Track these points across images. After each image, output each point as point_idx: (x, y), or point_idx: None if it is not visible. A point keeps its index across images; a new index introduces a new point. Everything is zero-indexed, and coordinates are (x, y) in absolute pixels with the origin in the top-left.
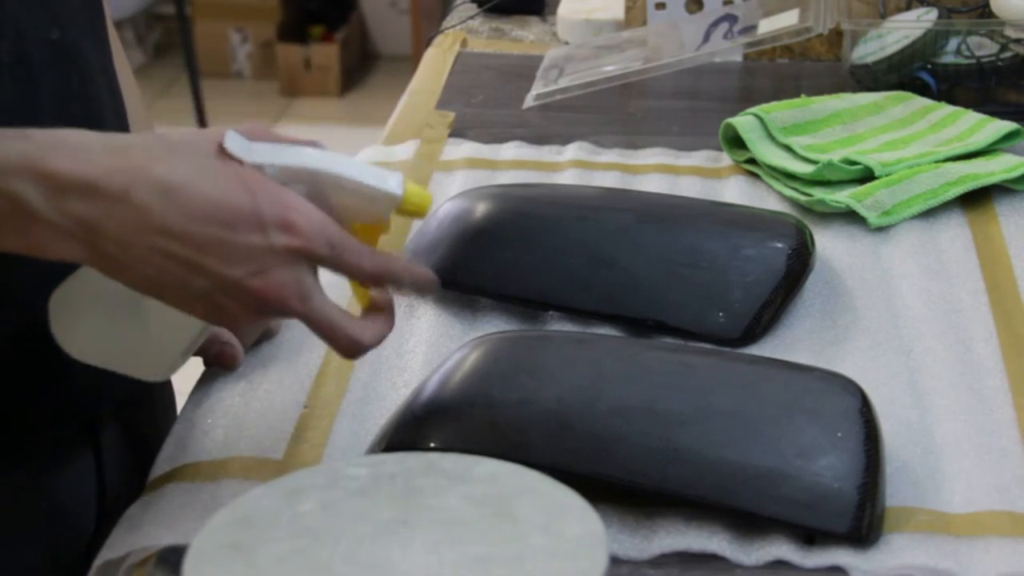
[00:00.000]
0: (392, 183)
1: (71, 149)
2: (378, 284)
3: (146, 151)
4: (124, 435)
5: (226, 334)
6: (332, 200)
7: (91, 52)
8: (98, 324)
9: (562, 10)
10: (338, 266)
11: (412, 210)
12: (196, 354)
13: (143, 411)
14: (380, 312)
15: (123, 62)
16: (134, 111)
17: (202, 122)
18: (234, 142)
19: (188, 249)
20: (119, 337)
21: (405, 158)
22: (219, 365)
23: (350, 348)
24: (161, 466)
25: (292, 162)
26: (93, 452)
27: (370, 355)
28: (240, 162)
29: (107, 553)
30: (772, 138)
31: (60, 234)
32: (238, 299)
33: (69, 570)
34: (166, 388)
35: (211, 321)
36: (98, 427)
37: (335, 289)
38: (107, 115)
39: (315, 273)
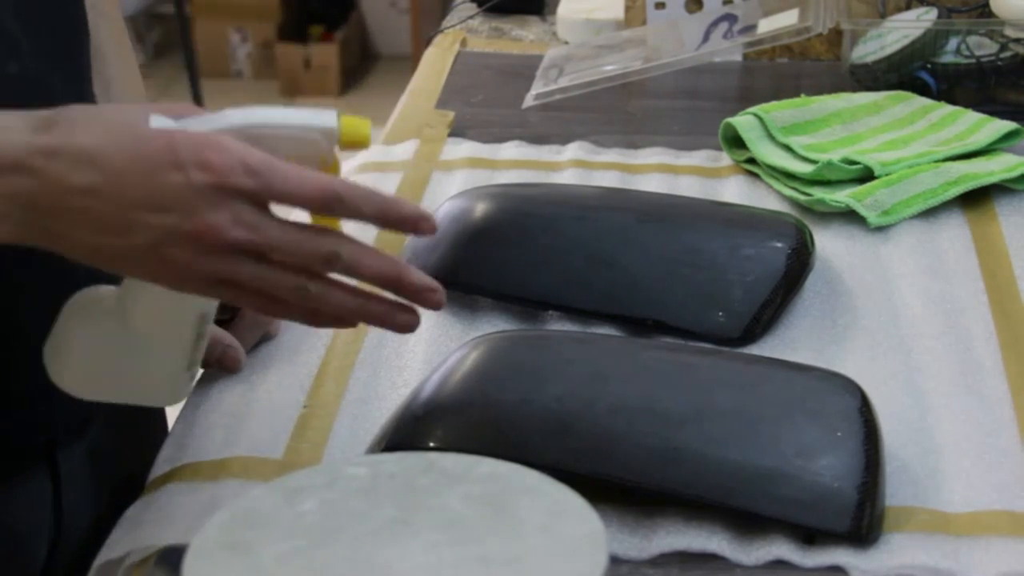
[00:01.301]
0: (325, 118)
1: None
2: (326, 208)
3: (69, 123)
4: (85, 456)
5: (228, 337)
6: (275, 149)
7: (60, 83)
8: (97, 361)
9: (562, 10)
10: (270, 194)
11: (354, 140)
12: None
13: (107, 431)
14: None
15: (131, 63)
16: None
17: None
18: (159, 123)
19: (115, 205)
20: (121, 369)
21: (405, 158)
22: (222, 368)
23: (329, 260)
24: (161, 466)
25: (220, 125)
26: (50, 475)
27: (370, 355)
28: None
29: (107, 553)
30: (772, 138)
31: None
32: (181, 246)
33: None
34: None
35: (168, 279)
36: (56, 450)
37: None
38: None
39: (260, 205)
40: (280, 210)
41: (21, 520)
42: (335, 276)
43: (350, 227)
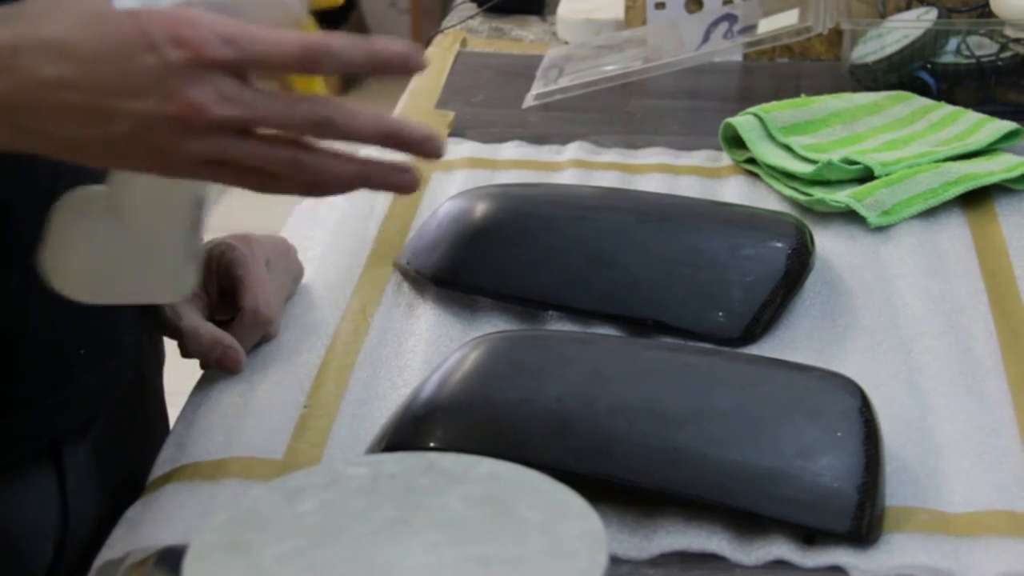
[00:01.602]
0: None
1: None
2: (312, 65)
3: (30, 15)
4: (90, 455)
5: (227, 338)
6: (246, 15)
7: None
8: (95, 261)
9: (562, 10)
10: (252, 61)
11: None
12: (201, 364)
13: (110, 429)
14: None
15: None
16: None
17: None
18: (124, 2)
19: (91, 95)
20: (120, 267)
21: (404, 157)
22: (221, 369)
23: (316, 120)
24: (161, 466)
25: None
26: (56, 474)
27: (370, 355)
28: None
29: (107, 553)
30: (772, 138)
31: None
32: (165, 129)
33: None
34: (143, 400)
35: (154, 165)
36: (61, 449)
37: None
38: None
39: (240, 77)
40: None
41: (28, 518)
42: (328, 144)
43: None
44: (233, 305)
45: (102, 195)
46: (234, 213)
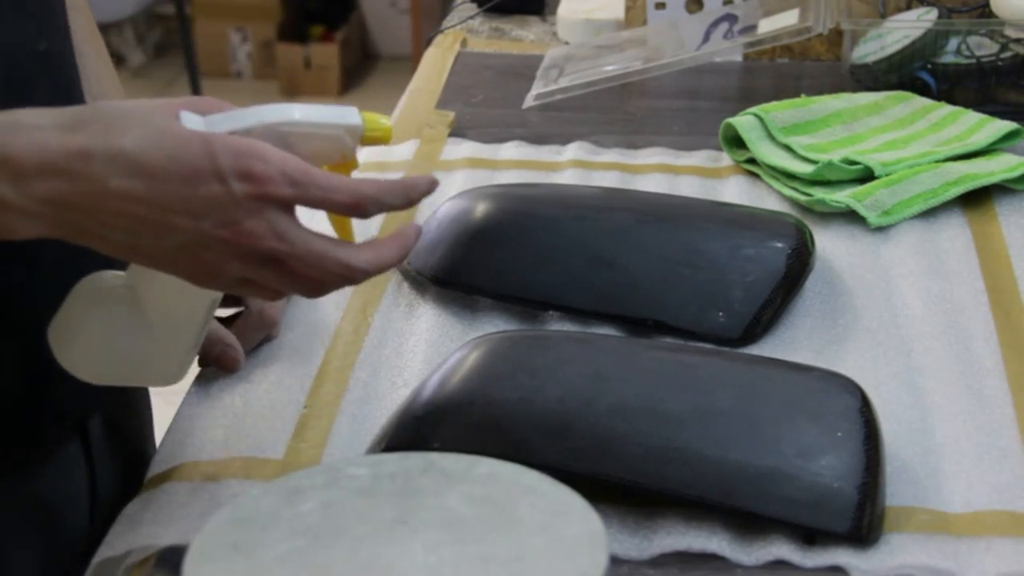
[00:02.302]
0: (349, 115)
1: (27, 131)
2: (359, 212)
3: (102, 123)
4: (113, 433)
5: (228, 336)
6: (296, 148)
7: (70, 58)
8: (104, 345)
9: (562, 10)
10: (308, 201)
11: (376, 136)
12: (200, 361)
13: (131, 409)
14: (387, 238)
15: (106, 59)
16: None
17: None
18: (189, 120)
19: (153, 210)
20: (128, 353)
21: (405, 158)
22: (220, 367)
23: (345, 275)
24: (160, 464)
25: (248, 123)
26: (84, 451)
27: (370, 355)
28: None
29: (106, 551)
30: (772, 138)
31: (27, 215)
32: (215, 249)
33: (64, 570)
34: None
35: (195, 277)
36: (88, 427)
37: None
38: None
39: (291, 212)
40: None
41: (62, 497)
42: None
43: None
44: (237, 303)
45: (121, 285)
46: None
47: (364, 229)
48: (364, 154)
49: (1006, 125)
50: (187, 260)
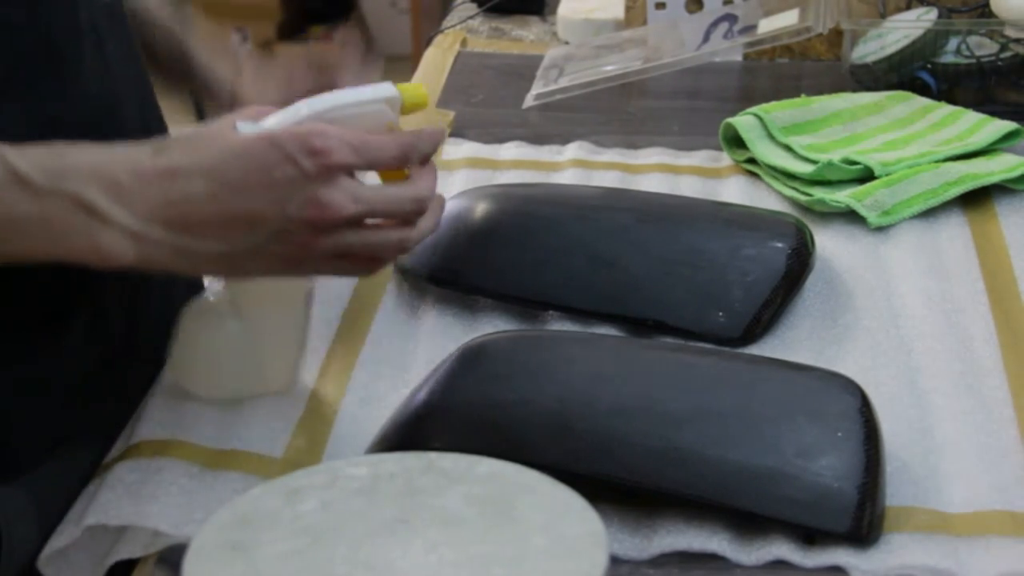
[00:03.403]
0: (386, 89)
1: (122, 153)
2: (406, 161)
3: (180, 146)
4: (27, 498)
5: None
6: (348, 127)
7: (126, 16)
8: (219, 361)
9: (562, 10)
10: (370, 164)
11: (416, 102)
12: None
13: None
14: (420, 171)
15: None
16: None
17: (202, 121)
18: (245, 127)
19: (238, 204)
20: (241, 364)
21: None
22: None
23: (419, 203)
24: (153, 429)
25: (298, 118)
26: None
27: (370, 355)
28: None
29: (100, 515)
30: (772, 138)
31: (125, 234)
32: (302, 232)
33: None
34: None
35: (291, 268)
36: None
37: None
38: (144, 74)
39: (355, 178)
40: None
41: None
42: None
43: None
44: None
45: (223, 300)
46: None
47: None
48: None
49: (1006, 125)
50: (277, 251)
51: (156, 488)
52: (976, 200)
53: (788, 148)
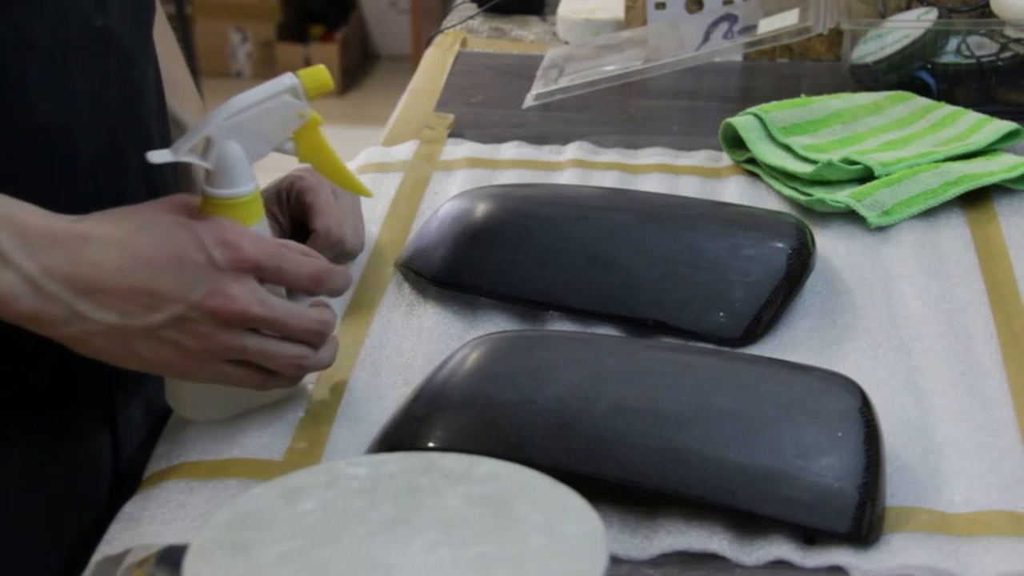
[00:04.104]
0: (284, 79)
1: (42, 212)
2: (318, 288)
3: (102, 217)
4: (141, 410)
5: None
6: (257, 128)
7: (136, 41)
8: (212, 388)
9: (562, 10)
10: (279, 274)
11: (318, 85)
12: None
13: (160, 387)
14: (322, 303)
15: (171, 40)
16: (185, 85)
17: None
18: (157, 156)
19: (144, 281)
20: (230, 388)
21: (405, 158)
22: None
23: (324, 327)
24: (158, 462)
25: (203, 132)
26: (109, 429)
27: (370, 355)
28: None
29: (105, 549)
30: (772, 138)
31: (27, 282)
32: (204, 323)
33: (78, 546)
34: None
35: (183, 364)
36: (115, 404)
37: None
38: (148, 99)
39: (264, 283)
40: None
41: (84, 474)
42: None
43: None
44: (307, 231)
45: None
46: None
47: (369, 211)
48: (366, 156)
49: (1006, 125)
50: (175, 337)
51: (156, 510)
52: (976, 200)
53: (788, 148)
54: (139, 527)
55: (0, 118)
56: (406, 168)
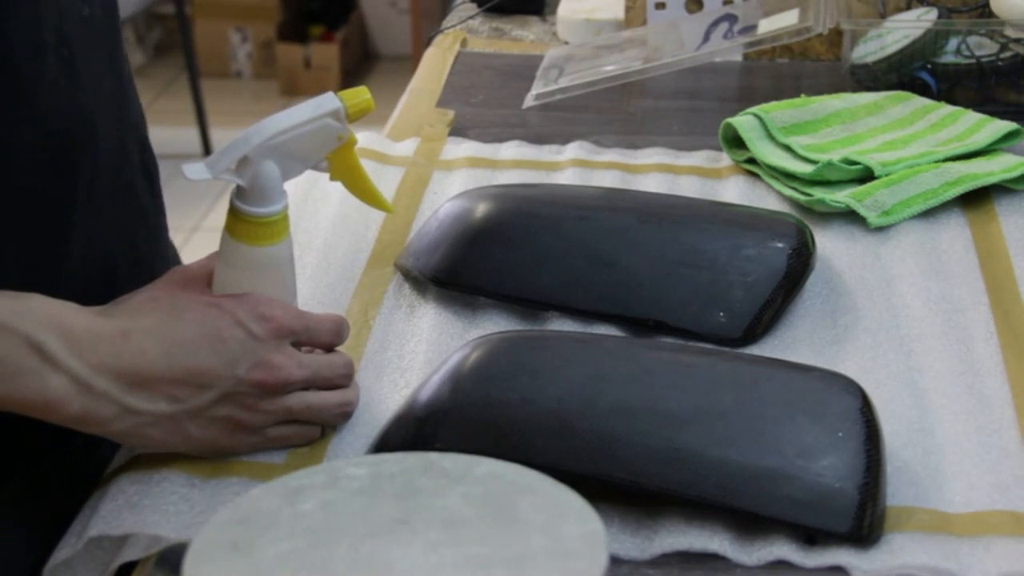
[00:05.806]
0: (328, 102)
1: (76, 309)
2: (340, 339)
3: (131, 310)
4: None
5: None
6: (296, 150)
7: (111, 27)
8: None
9: (562, 10)
10: (308, 334)
11: (360, 108)
12: None
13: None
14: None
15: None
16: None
17: (202, 122)
18: (194, 172)
19: (190, 366)
20: None
21: (406, 154)
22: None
23: (350, 369)
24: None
25: (243, 151)
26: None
27: (372, 357)
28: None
29: (103, 527)
30: (772, 138)
31: (77, 383)
32: (249, 395)
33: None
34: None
35: (232, 439)
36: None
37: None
38: (128, 88)
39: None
40: None
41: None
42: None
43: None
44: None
45: None
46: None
47: (369, 211)
48: (366, 142)
49: (1006, 125)
50: (226, 412)
51: (157, 499)
52: (976, 200)
53: (788, 148)
54: (141, 514)
55: (21, 127)
56: (407, 163)
